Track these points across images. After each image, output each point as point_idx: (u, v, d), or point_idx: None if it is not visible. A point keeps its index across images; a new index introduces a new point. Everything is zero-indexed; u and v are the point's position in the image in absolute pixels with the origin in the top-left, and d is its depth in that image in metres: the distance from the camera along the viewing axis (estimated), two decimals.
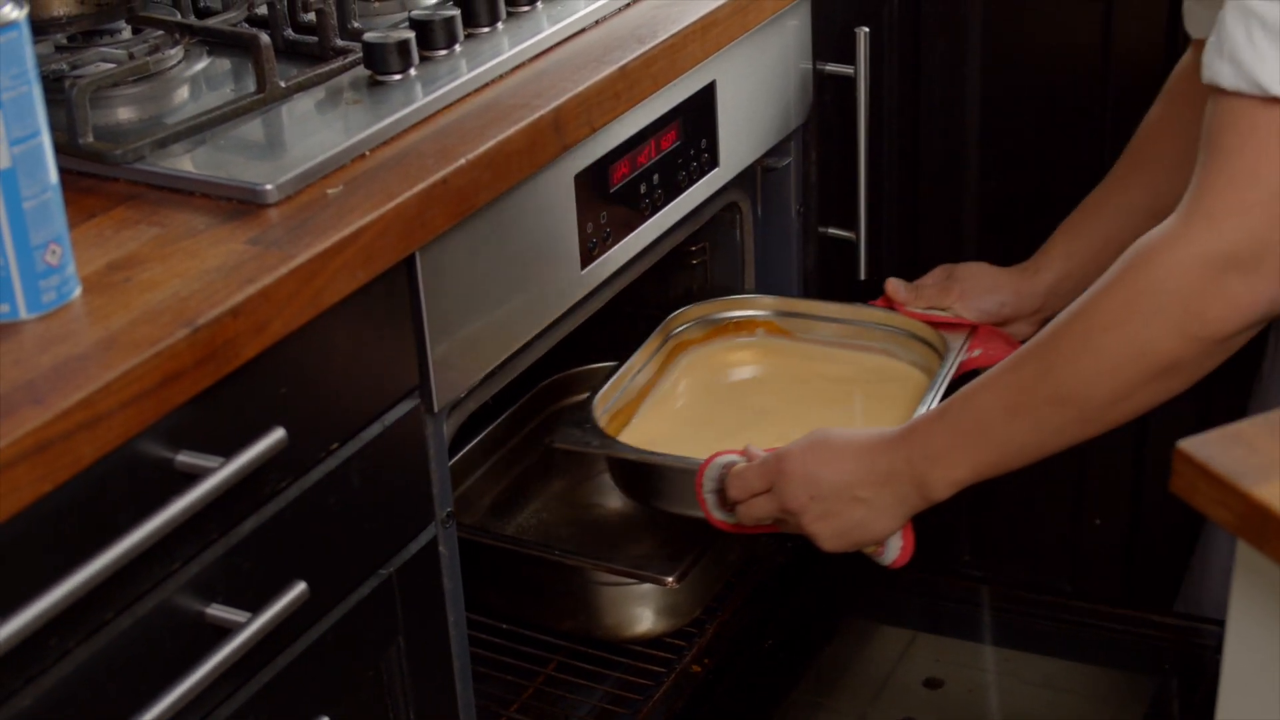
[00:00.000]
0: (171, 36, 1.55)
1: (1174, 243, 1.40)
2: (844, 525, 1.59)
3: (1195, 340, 1.41)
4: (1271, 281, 1.38)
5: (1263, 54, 1.34)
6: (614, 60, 1.56)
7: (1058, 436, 1.51)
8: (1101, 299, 1.45)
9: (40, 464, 1.05)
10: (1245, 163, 1.37)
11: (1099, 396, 1.47)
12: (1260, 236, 1.37)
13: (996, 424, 1.52)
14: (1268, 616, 1.04)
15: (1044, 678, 1.94)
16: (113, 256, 1.24)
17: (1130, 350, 1.43)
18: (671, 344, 1.96)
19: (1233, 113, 1.37)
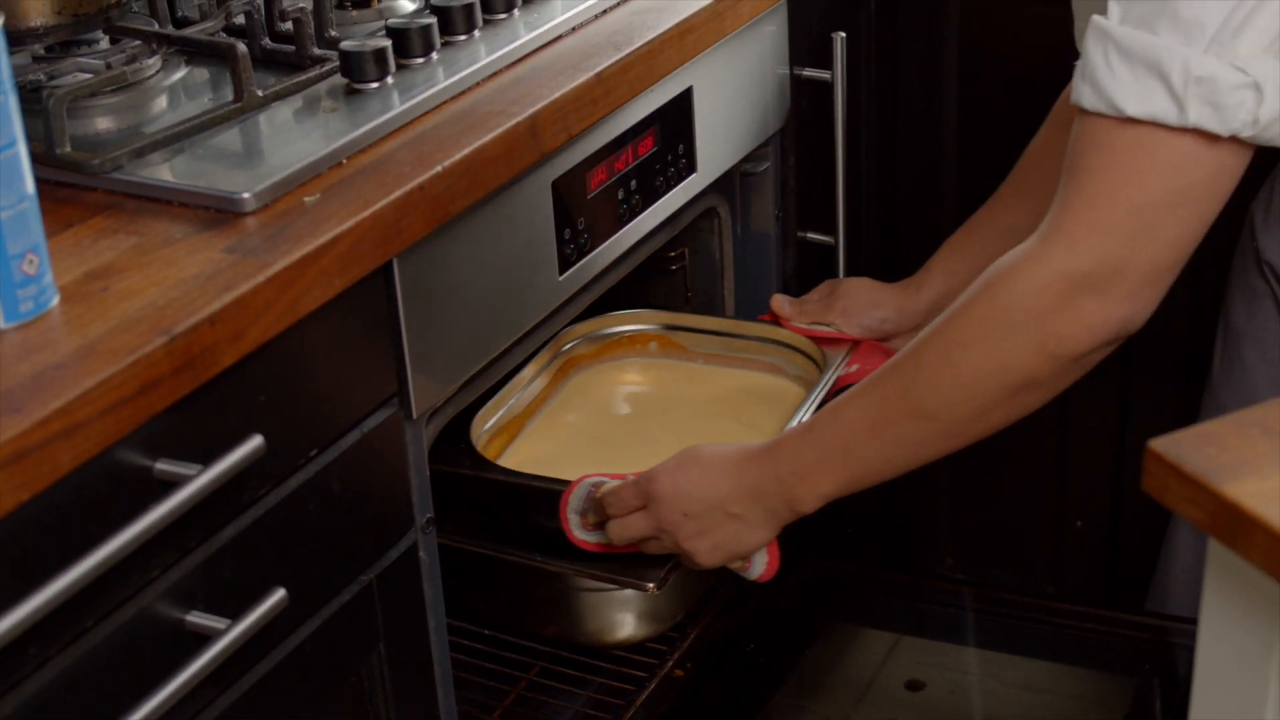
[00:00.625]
0: (149, 46, 1.55)
1: (1033, 261, 1.42)
2: (718, 540, 1.60)
3: (1051, 358, 1.43)
4: (1122, 303, 1.41)
5: (1119, 76, 1.36)
6: (591, 67, 1.56)
7: (920, 450, 1.53)
8: (961, 316, 1.47)
9: (18, 472, 1.05)
10: (1103, 184, 1.39)
11: (959, 412, 1.49)
12: (1114, 257, 1.40)
13: (860, 439, 1.53)
14: (1239, 614, 1.05)
15: (1026, 679, 1.94)
16: (90, 266, 1.24)
17: (988, 366, 1.45)
18: (560, 360, 1.98)
19: (1093, 134, 1.39)
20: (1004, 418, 1.50)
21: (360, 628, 1.41)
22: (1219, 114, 1.35)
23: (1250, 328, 1.85)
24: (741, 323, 1.99)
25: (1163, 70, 1.34)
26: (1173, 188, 1.38)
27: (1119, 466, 2.34)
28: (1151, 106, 1.36)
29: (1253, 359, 1.85)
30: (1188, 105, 1.34)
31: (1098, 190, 1.40)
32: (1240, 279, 1.86)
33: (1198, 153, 1.37)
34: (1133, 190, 1.38)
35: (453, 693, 1.56)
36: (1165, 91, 1.35)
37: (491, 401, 1.81)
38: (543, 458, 1.84)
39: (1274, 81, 1.34)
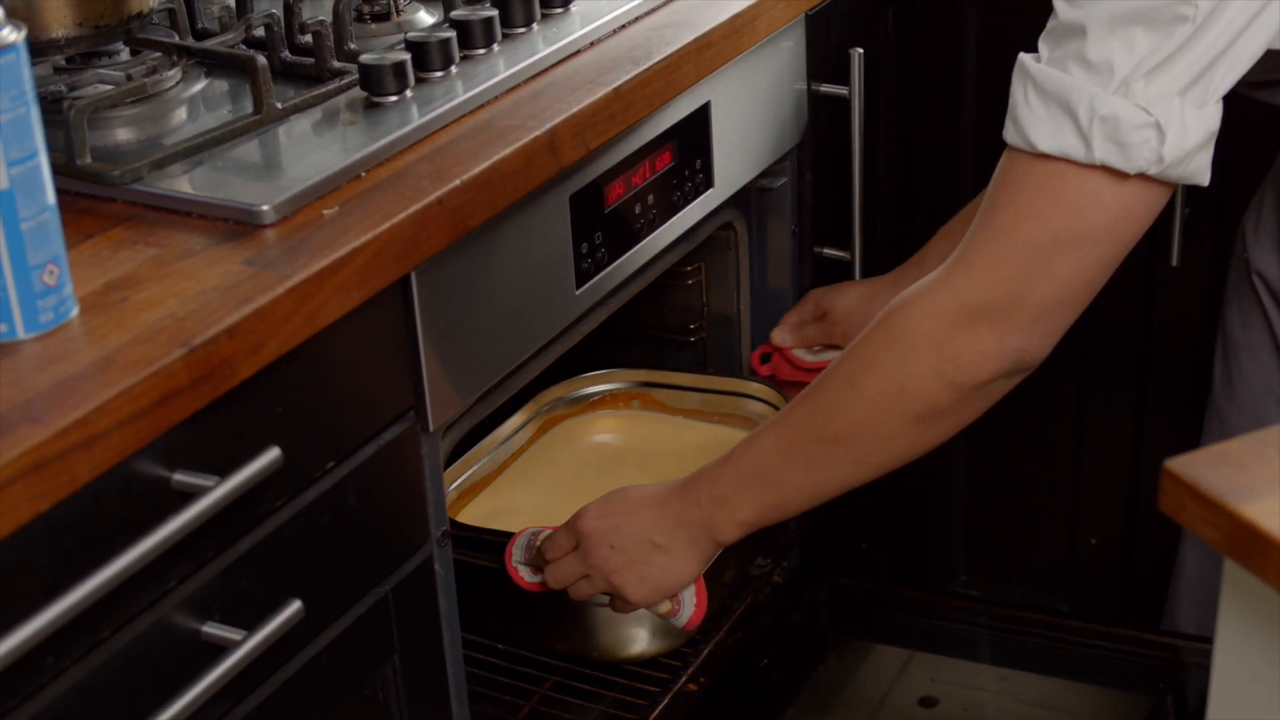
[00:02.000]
0: (169, 58, 1.56)
1: (935, 289, 1.45)
2: (644, 572, 1.60)
3: (951, 385, 1.45)
4: (1017, 334, 1.43)
5: (1033, 110, 1.39)
6: (609, 82, 1.57)
7: (832, 476, 1.54)
8: (865, 340, 1.49)
9: (37, 483, 1.05)
10: (1006, 216, 1.42)
11: (863, 437, 1.50)
12: (1011, 289, 1.42)
13: (774, 465, 1.54)
14: (1256, 634, 1.05)
15: (1039, 697, 1.94)
16: (110, 277, 1.25)
17: (889, 389, 1.47)
18: (539, 420, 2.00)
19: (1009, 168, 1.42)
20: (908, 447, 1.51)
21: (376, 640, 1.41)
22: (1124, 152, 1.37)
23: (1246, 338, 1.87)
24: (718, 378, 2.03)
25: (1071, 107, 1.37)
26: (1072, 227, 1.40)
27: (1134, 484, 2.34)
28: (1061, 142, 1.38)
29: (1250, 368, 1.87)
30: (1093, 142, 1.36)
31: (1001, 223, 1.42)
32: (1234, 290, 1.87)
33: (1102, 192, 1.39)
34: (1032, 226, 1.40)
35: (467, 705, 1.56)
36: (1073, 128, 1.37)
37: (461, 460, 1.83)
38: (509, 509, 1.86)
39: (1177, 122, 1.36)
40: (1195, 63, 1.35)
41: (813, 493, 1.55)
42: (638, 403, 2.05)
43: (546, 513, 1.83)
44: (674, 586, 1.62)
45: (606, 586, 1.61)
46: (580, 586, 1.63)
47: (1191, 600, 2.02)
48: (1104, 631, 1.99)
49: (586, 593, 1.63)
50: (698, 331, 2.08)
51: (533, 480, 1.94)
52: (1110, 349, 2.28)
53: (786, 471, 1.54)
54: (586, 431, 2.04)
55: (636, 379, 2.06)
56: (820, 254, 2.04)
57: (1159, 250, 2.12)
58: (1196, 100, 1.36)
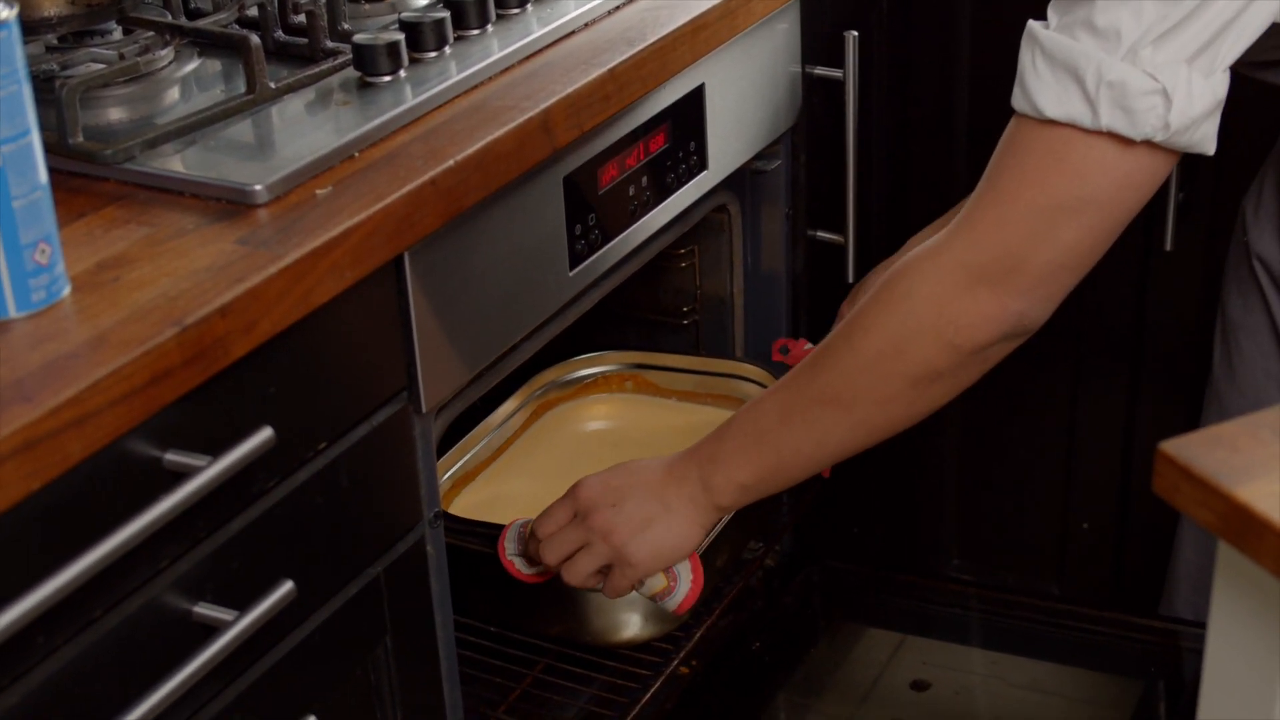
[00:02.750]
0: (162, 37, 1.56)
1: (936, 252, 1.46)
2: (649, 534, 1.59)
3: (950, 347, 1.46)
4: (1018, 297, 1.44)
5: (1041, 77, 1.40)
6: (603, 63, 1.56)
7: (828, 439, 1.54)
8: (868, 304, 1.50)
9: (29, 461, 1.05)
10: (1011, 180, 1.43)
11: (861, 397, 1.51)
12: (1012, 251, 1.43)
13: (772, 427, 1.55)
14: (1249, 617, 1.05)
15: (1031, 680, 1.94)
16: (102, 256, 1.24)
17: (888, 349, 1.48)
18: (533, 404, 2.00)
19: (1015, 134, 1.43)
20: (906, 410, 1.51)
21: (368, 621, 1.41)
22: (1130, 118, 1.37)
23: (1245, 321, 1.87)
24: (711, 359, 2.04)
25: (1078, 73, 1.37)
26: (1076, 193, 1.41)
27: (1126, 468, 2.34)
28: (1068, 108, 1.38)
29: (1250, 351, 1.87)
30: (1100, 108, 1.37)
31: (1005, 187, 1.43)
32: (1234, 273, 1.87)
33: (1107, 159, 1.40)
34: (1036, 191, 1.41)
35: (459, 687, 1.56)
36: (1080, 94, 1.38)
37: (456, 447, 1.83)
38: (504, 496, 1.86)
39: (1184, 89, 1.36)
40: (1203, 30, 1.35)
41: (810, 456, 1.55)
42: (631, 385, 2.05)
43: (541, 499, 1.82)
44: (675, 551, 1.61)
45: (608, 552, 1.60)
46: (579, 561, 1.61)
47: (1189, 586, 2.03)
48: (1096, 615, 1.99)
49: (586, 568, 1.61)
50: (691, 314, 2.08)
51: (527, 467, 1.94)
52: (1103, 333, 2.28)
53: (785, 433, 1.54)
54: (580, 417, 2.04)
55: (630, 361, 2.06)
56: (814, 237, 2.04)
57: (1153, 234, 2.12)
58: (1204, 68, 1.36)
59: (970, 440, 2.42)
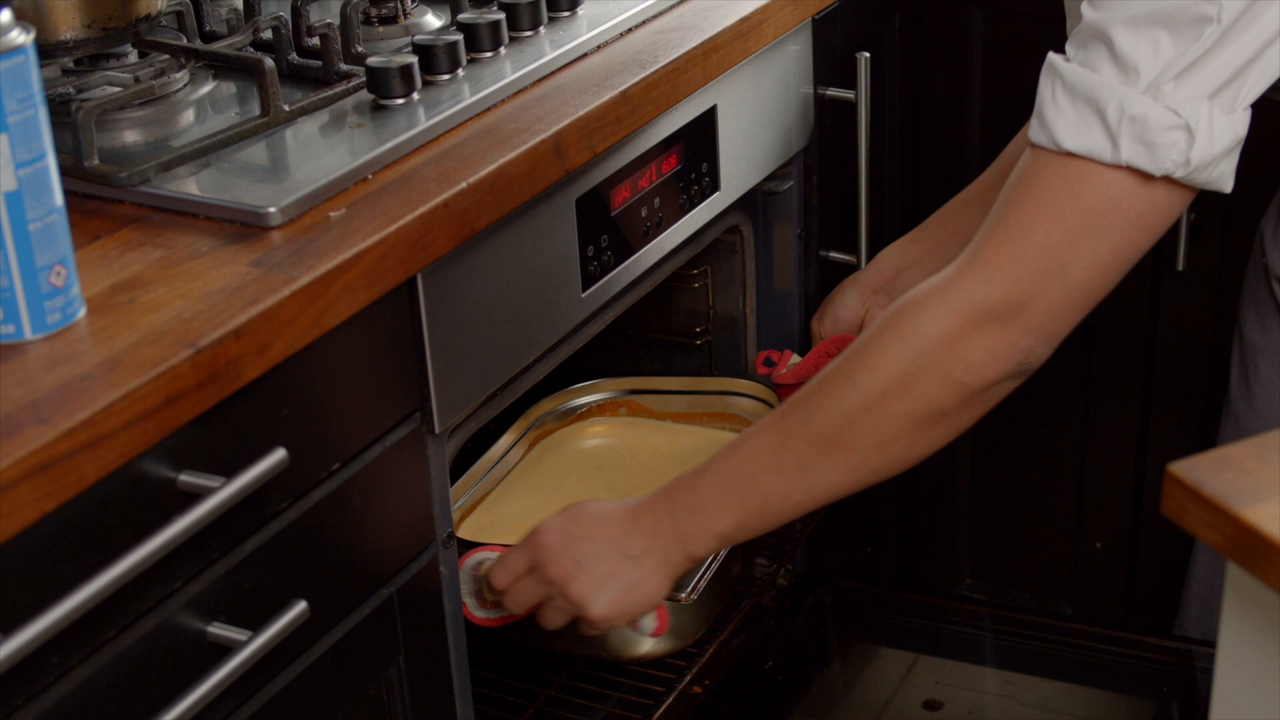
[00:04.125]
0: (177, 60, 1.56)
1: (946, 289, 1.44)
2: (617, 588, 1.54)
3: (959, 386, 1.44)
4: (1026, 334, 1.42)
5: (1060, 109, 1.38)
6: (616, 85, 1.57)
7: (821, 482, 1.50)
8: (869, 341, 1.47)
9: (44, 483, 1.06)
10: (1024, 215, 1.41)
11: (862, 439, 1.47)
12: (1022, 289, 1.41)
13: (760, 471, 1.50)
14: (1258, 638, 1.05)
15: (1043, 700, 1.94)
16: (117, 278, 1.25)
17: (893, 390, 1.45)
18: (531, 435, 2.01)
19: (1029, 166, 1.42)
20: (906, 451, 1.48)
21: (380, 641, 1.42)
22: (1151, 153, 1.36)
23: (1264, 343, 1.86)
24: (704, 379, 2.03)
25: (1099, 106, 1.36)
26: (1088, 229, 1.40)
27: (1138, 488, 2.34)
28: (1087, 141, 1.37)
29: (1268, 374, 1.86)
30: (1121, 141, 1.36)
31: (1018, 222, 1.41)
32: (1252, 295, 1.87)
33: (1123, 194, 1.39)
34: (1050, 225, 1.40)
35: (471, 706, 1.56)
36: (1100, 126, 1.37)
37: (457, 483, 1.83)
38: (504, 520, 1.87)
39: (1205, 125, 1.36)
40: (1225, 67, 1.35)
41: (800, 501, 1.51)
42: (625, 411, 2.06)
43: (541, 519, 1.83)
44: (641, 605, 1.56)
45: (568, 606, 1.55)
46: (546, 612, 1.57)
47: (1200, 607, 2.02)
48: (1108, 635, 1.99)
49: (554, 621, 1.57)
50: (704, 334, 2.08)
51: (526, 493, 1.95)
52: (1116, 353, 2.28)
53: (773, 477, 1.50)
54: (577, 442, 2.05)
55: (623, 387, 2.06)
56: (826, 257, 2.05)
57: (1165, 255, 2.12)
58: (1225, 105, 1.36)
59: (982, 460, 2.42)
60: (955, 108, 2.25)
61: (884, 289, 1.89)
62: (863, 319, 1.89)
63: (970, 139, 2.25)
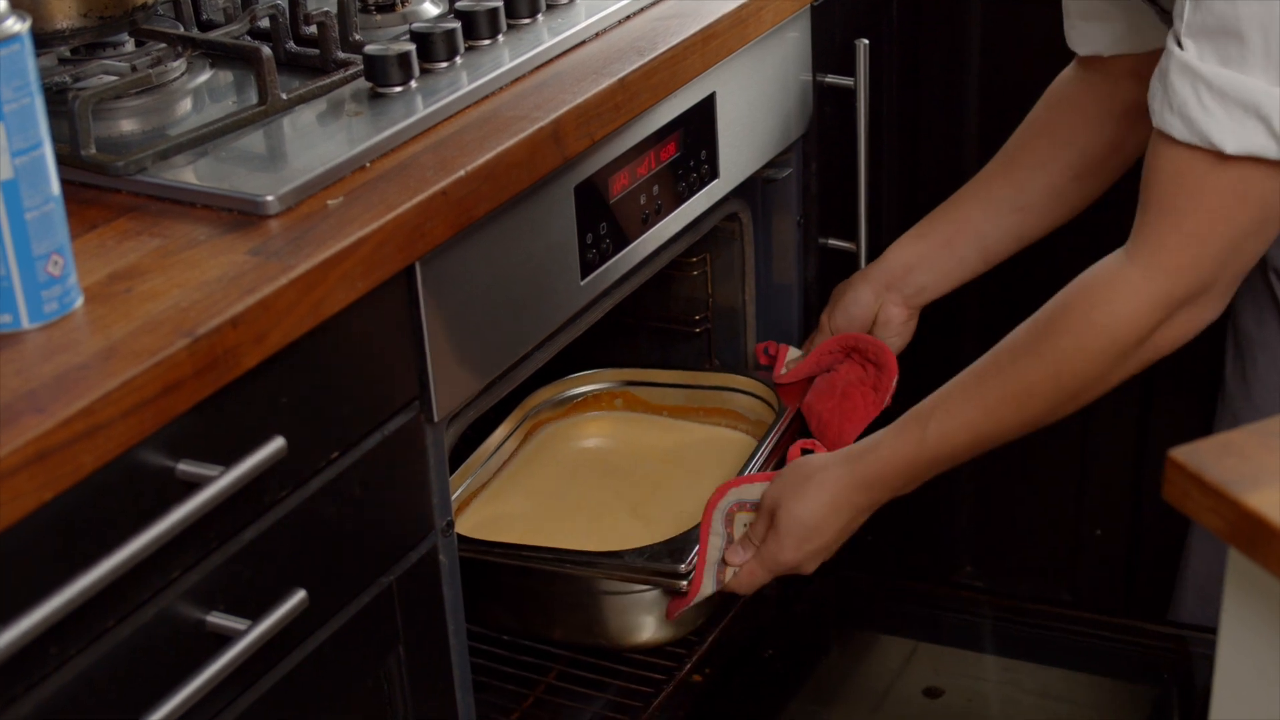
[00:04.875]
0: (174, 49, 1.56)
1: (1135, 294, 1.54)
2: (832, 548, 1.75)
3: (1146, 364, 1.60)
4: (1210, 308, 1.56)
5: (1212, 113, 1.43)
6: (614, 72, 1.57)
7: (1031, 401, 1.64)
8: (1067, 344, 1.58)
9: (41, 472, 1.05)
10: (1199, 223, 1.49)
11: (1059, 417, 1.64)
12: (1206, 279, 1.53)
13: (969, 451, 1.67)
14: (1260, 624, 1.05)
15: (1044, 687, 1.94)
16: (114, 267, 1.25)
17: (1095, 382, 1.59)
18: (527, 425, 2.01)
19: (1184, 170, 1.47)
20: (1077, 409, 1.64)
21: (380, 630, 1.42)
22: None
23: (1260, 335, 1.86)
24: (701, 374, 2.05)
25: (1263, 112, 1.41)
26: (1259, 219, 1.48)
27: (1138, 475, 2.34)
28: (1251, 144, 1.43)
29: (1264, 366, 1.87)
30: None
31: (1194, 229, 1.50)
32: (1248, 288, 1.87)
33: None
34: (1226, 227, 1.49)
35: (471, 695, 1.56)
36: (1264, 130, 1.42)
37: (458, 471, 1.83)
38: (503, 516, 1.88)
39: None
40: None
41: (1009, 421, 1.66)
42: (620, 402, 2.06)
43: (539, 518, 1.87)
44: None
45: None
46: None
47: (1196, 595, 2.03)
48: (1108, 622, 1.99)
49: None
50: (703, 322, 2.08)
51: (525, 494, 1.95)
52: None
53: (973, 453, 1.68)
54: (573, 435, 2.05)
55: (620, 378, 2.06)
56: (825, 245, 2.04)
57: None
58: None
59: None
60: (954, 95, 2.25)
61: (895, 286, 1.93)
62: (875, 315, 1.93)
63: (969, 126, 2.25)
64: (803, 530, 1.70)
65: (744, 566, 1.73)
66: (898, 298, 1.92)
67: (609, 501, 1.91)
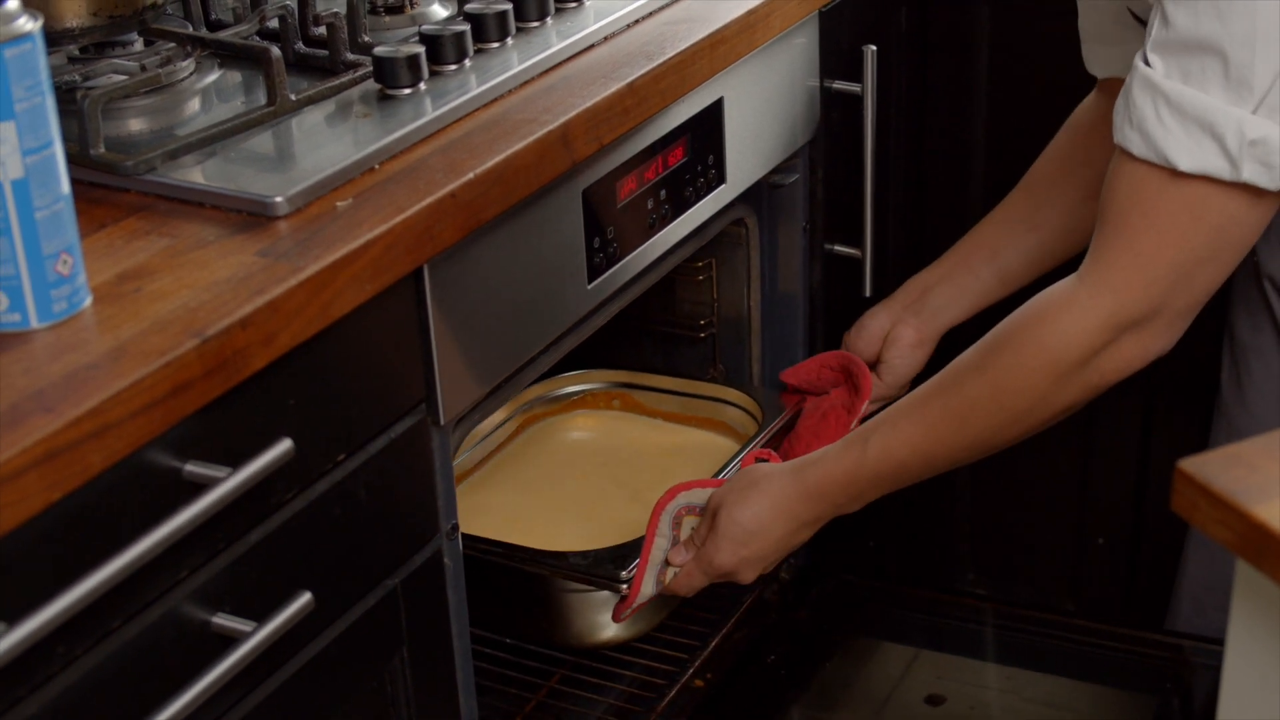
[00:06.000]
0: (183, 49, 1.56)
1: (1080, 312, 1.52)
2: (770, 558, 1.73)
3: (1093, 389, 1.57)
4: (1159, 337, 1.54)
5: (1170, 131, 1.43)
6: (622, 76, 1.57)
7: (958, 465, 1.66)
8: (1008, 360, 1.57)
9: (50, 472, 1.05)
10: (1150, 242, 1.48)
11: (1005, 441, 1.63)
12: (1154, 302, 1.51)
13: (914, 469, 1.66)
14: (1267, 636, 1.05)
15: (1045, 696, 1.94)
16: (123, 267, 1.25)
17: (1037, 406, 1.57)
18: (519, 418, 2.02)
19: (1139, 185, 1.47)
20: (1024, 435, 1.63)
21: (384, 632, 1.42)
22: (1270, 172, 1.41)
23: (1255, 342, 1.87)
24: (696, 383, 2.05)
25: (1217, 131, 1.41)
26: (1212, 244, 1.47)
27: (1141, 483, 2.34)
28: (1204, 163, 1.42)
29: (1259, 373, 1.87)
30: (1241, 164, 1.41)
31: (1145, 248, 1.48)
32: (1242, 294, 1.87)
33: (1242, 211, 1.45)
34: (1177, 249, 1.48)
35: (474, 698, 1.56)
36: (1218, 150, 1.41)
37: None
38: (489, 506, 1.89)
39: None
40: None
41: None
42: (618, 403, 2.07)
43: (521, 513, 1.88)
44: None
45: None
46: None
47: (1191, 603, 2.03)
48: (1111, 631, 1.99)
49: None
50: (708, 327, 2.08)
51: (509, 480, 1.95)
52: None
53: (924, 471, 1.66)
54: (564, 432, 2.05)
55: (616, 379, 2.07)
56: (831, 251, 2.05)
57: None
58: None
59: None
60: (961, 101, 2.25)
61: (911, 307, 1.95)
62: (887, 334, 1.95)
63: (976, 133, 2.25)
64: (741, 534, 1.69)
65: (683, 568, 1.72)
66: (913, 320, 1.94)
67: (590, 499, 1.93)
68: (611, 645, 1.82)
